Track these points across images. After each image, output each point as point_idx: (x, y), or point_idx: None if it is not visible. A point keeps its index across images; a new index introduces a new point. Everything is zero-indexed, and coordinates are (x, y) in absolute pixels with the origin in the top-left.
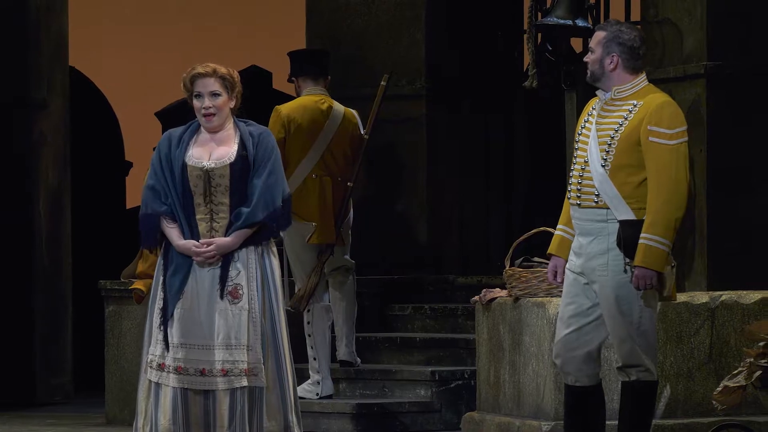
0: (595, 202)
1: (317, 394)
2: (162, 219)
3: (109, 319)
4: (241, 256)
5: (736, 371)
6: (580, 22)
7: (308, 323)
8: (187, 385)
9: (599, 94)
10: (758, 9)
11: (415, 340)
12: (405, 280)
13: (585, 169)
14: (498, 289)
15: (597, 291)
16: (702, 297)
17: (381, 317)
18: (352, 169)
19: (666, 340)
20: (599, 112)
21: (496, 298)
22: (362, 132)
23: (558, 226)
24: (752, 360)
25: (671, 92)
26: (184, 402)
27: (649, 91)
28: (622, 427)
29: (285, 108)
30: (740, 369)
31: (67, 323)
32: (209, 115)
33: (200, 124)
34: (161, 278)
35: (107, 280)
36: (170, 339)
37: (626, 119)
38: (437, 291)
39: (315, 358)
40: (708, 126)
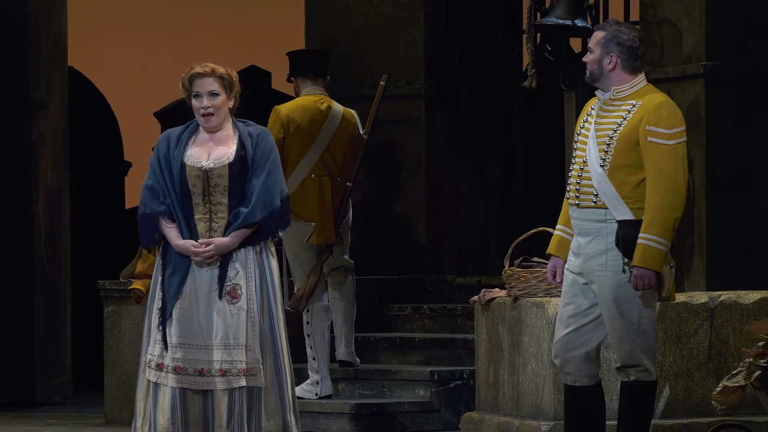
0: (594, 202)
1: (316, 394)
2: (160, 219)
3: (108, 319)
4: (240, 256)
5: (735, 371)
6: (579, 22)
7: (307, 323)
8: (185, 385)
9: (598, 94)
10: (757, 9)
11: (414, 340)
12: (404, 280)
13: (584, 169)
14: (497, 289)
15: (596, 291)
16: (701, 297)
17: (380, 317)
18: (351, 169)
19: (665, 340)
20: (598, 112)
21: (495, 298)
22: (361, 132)
23: (557, 226)
24: (751, 360)
25: (670, 92)
26: (182, 402)
27: (648, 91)
28: (621, 427)
29: (284, 108)
30: (739, 369)
31: (66, 323)
32: (208, 115)
33: (199, 124)
34: (160, 278)
35: (106, 280)
36: (169, 339)
37: (625, 119)
38: (436, 291)
39: (314, 358)
40: (707, 126)
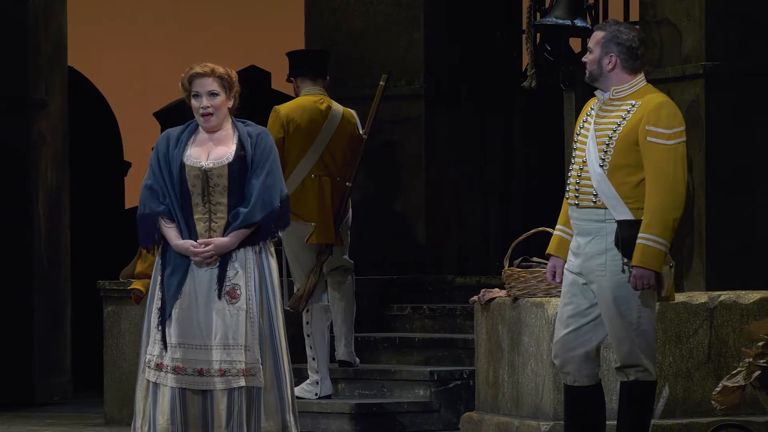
0: (593, 202)
1: (316, 394)
2: (160, 219)
3: (108, 320)
4: (239, 256)
5: (735, 371)
6: (578, 22)
7: (307, 323)
8: (185, 385)
9: (598, 94)
10: (757, 9)
11: (413, 340)
12: (404, 280)
13: (583, 169)
14: (497, 289)
15: (595, 291)
16: (701, 297)
17: (380, 317)
18: (351, 169)
19: (665, 340)
20: (597, 112)
21: (495, 298)
22: (361, 132)
23: (557, 227)
24: (751, 360)
25: (670, 92)
26: (182, 402)
27: (648, 91)
28: (621, 427)
29: (284, 108)
30: (739, 369)
31: (66, 323)
32: (207, 115)
33: (198, 124)
34: (159, 278)
35: (106, 281)
36: (168, 339)
37: (624, 119)
38: (436, 291)
39: (314, 358)
40: (707, 126)
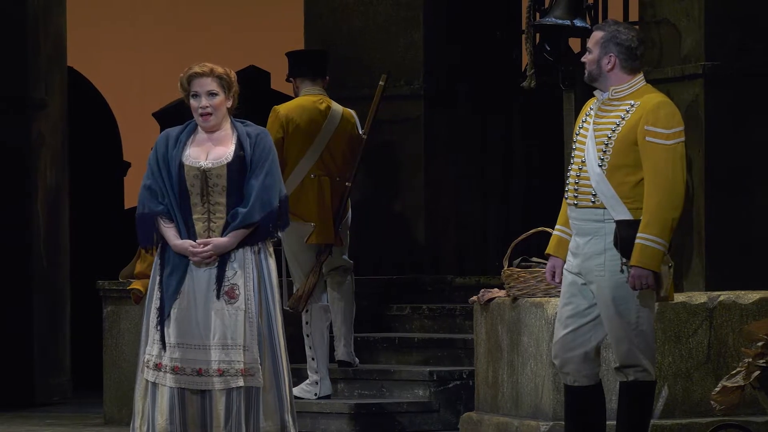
0: (592, 202)
1: (315, 395)
2: (159, 219)
3: (108, 320)
4: (238, 257)
5: (734, 371)
6: (578, 23)
7: (306, 323)
8: (183, 385)
9: (597, 94)
10: (756, 10)
11: (413, 341)
12: (403, 280)
13: (582, 169)
14: (496, 290)
15: (594, 291)
16: (700, 297)
17: (379, 317)
18: (351, 169)
19: (664, 340)
20: (596, 112)
21: (495, 298)
22: (360, 132)
23: (556, 227)
24: (750, 360)
25: (669, 92)
26: (181, 402)
27: (647, 91)
28: (621, 427)
29: (283, 108)
30: (738, 369)
31: (66, 323)
32: (206, 115)
33: (197, 124)
34: (158, 278)
35: (105, 281)
36: (167, 339)
37: (623, 119)
38: (435, 291)
39: (313, 358)
40: (706, 126)
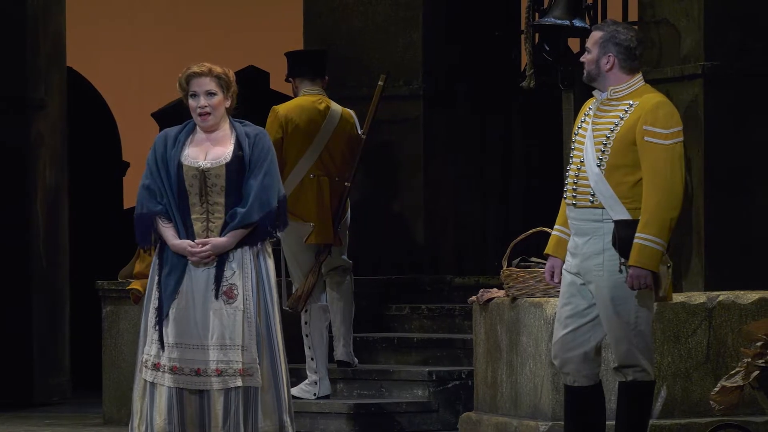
0: (591, 202)
1: (314, 395)
2: (157, 219)
3: (107, 320)
4: (237, 257)
5: (733, 371)
6: (577, 23)
7: (306, 323)
8: (182, 385)
9: (595, 94)
10: (755, 10)
11: (412, 341)
12: (402, 280)
13: (581, 169)
14: (495, 290)
15: (593, 291)
16: (699, 297)
17: (378, 317)
18: (350, 169)
19: (663, 340)
20: (595, 112)
21: (494, 298)
22: (359, 132)
23: (555, 227)
24: (750, 360)
25: (668, 92)
26: (179, 402)
27: (645, 91)
28: (620, 427)
29: (282, 108)
30: (738, 369)
31: (65, 323)
32: (205, 115)
33: (196, 124)
34: (156, 278)
35: (104, 281)
36: (165, 339)
37: (622, 119)
38: (434, 291)
39: (312, 359)
40: (705, 126)
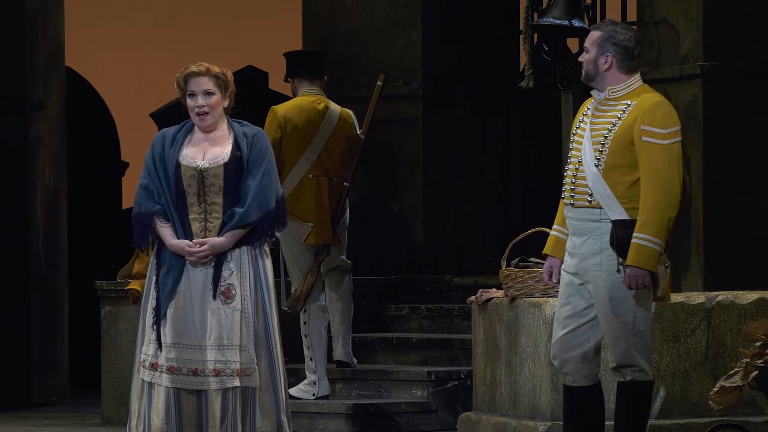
0: (589, 202)
1: (313, 395)
2: (155, 218)
3: (106, 320)
4: (234, 257)
5: (732, 371)
6: (576, 23)
7: (305, 323)
8: (179, 385)
9: (594, 94)
10: (754, 10)
11: (411, 341)
12: (401, 280)
13: (579, 169)
14: (494, 290)
15: (591, 291)
16: (698, 297)
17: (377, 317)
18: (349, 169)
19: (662, 340)
20: (593, 111)
21: (493, 298)
22: (358, 132)
23: (553, 227)
24: (749, 360)
25: (667, 93)
26: (176, 402)
27: (643, 90)
28: (618, 427)
29: (281, 108)
30: (737, 369)
31: (64, 324)
32: (203, 114)
33: (194, 124)
34: (154, 278)
35: (103, 281)
36: (163, 339)
37: (620, 119)
38: (433, 291)
39: (311, 359)
40: (704, 126)
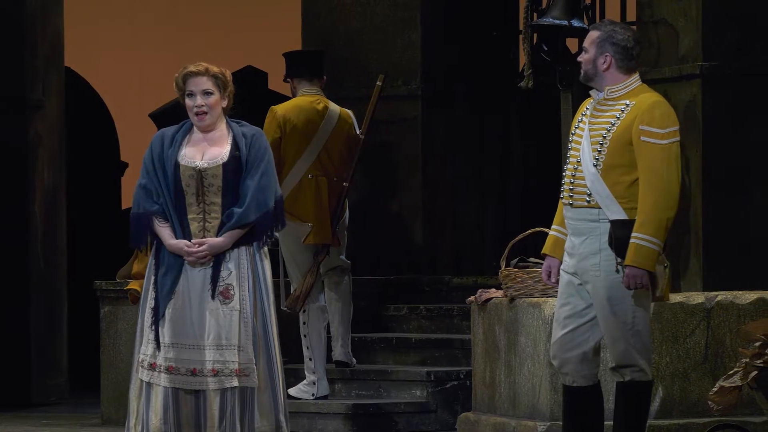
0: (588, 202)
1: (313, 395)
2: (153, 218)
3: (105, 320)
4: (233, 257)
5: (731, 371)
6: (575, 23)
7: (304, 324)
8: (178, 385)
9: (592, 94)
10: (754, 9)
11: (410, 341)
12: (400, 280)
13: (577, 169)
14: (493, 290)
15: (590, 291)
16: (698, 297)
17: (376, 318)
18: (348, 170)
19: (662, 340)
20: (592, 111)
21: (492, 298)
22: (358, 132)
23: (552, 227)
24: (748, 360)
25: (667, 93)
26: (175, 402)
27: (642, 90)
28: (617, 427)
29: (280, 108)
30: (736, 369)
31: (63, 324)
32: (201, 114)
33: (193, 124)
34: (153, 278)
35: (103, 281)
36: (161, 338)
37: (618, 119)
38: (433, 291)
39: (311, 359)
40: (704, 126)
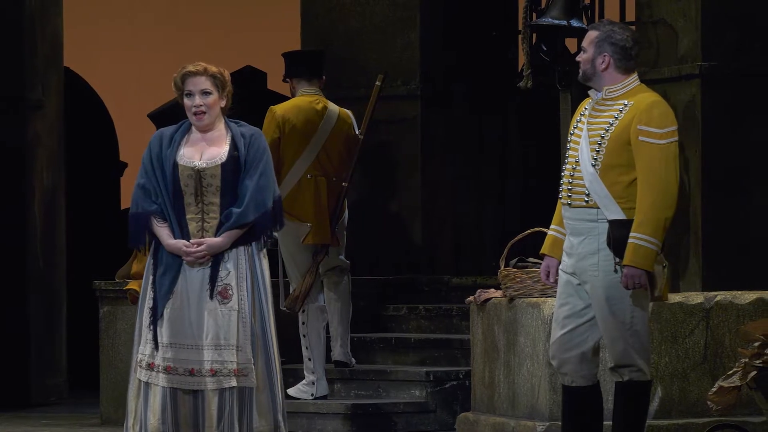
0: (586, 202)
1: (312, 395)
2: (152, 218)
3: (104, 320)
4: (231, 257)
5: (731, 371)
6: (574, 23)
7: (303, 324)
8: (176, 385)
9: (591, 94)
10: (753, 10)
11: (409, 341)
12: (400, 280)
13: (576, 169)
14: (493, 290)
15: (589, 291)
16: (697, 297)
17: (376, 318)
18: (347, 170)
19: (661, 340)
20: (591, 111)
21: (491, 298)
22: (357, 132)
23: (551, 227)
24: (747, 360)
25: (666, 93)
26: (173, 402)
27: (640, 90)
28: (616, 427)
29: (280, 108)
30: (735, 369)
31: (62, 324)
32: (200, 114)
33: (191, 124)
34: (151, 278)
35: (102, 281)
36: (160, 338)
37: (617, 119)
38: (432, 291)
39: (310, 359)
40: (703, 126)
